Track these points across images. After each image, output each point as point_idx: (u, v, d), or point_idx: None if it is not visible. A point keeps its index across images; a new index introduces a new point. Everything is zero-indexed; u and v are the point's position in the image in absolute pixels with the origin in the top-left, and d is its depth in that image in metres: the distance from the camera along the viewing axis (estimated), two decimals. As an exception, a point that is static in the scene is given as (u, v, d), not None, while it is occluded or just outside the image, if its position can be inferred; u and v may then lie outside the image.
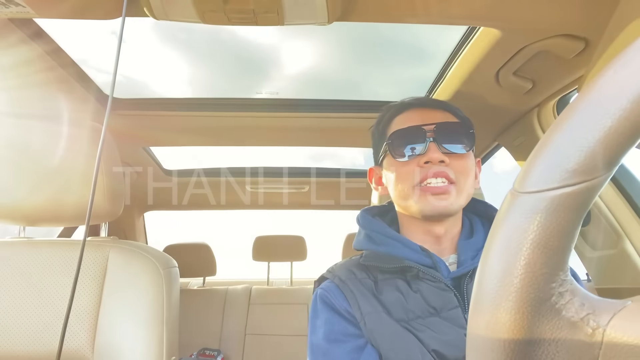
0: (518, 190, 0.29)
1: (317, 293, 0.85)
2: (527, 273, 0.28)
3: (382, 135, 0.91)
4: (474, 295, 0.31)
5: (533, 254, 0.27)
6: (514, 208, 0.29)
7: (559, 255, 0.28)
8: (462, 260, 0.81)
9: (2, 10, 0.79)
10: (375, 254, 0.84)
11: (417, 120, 0.85)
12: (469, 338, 0.31)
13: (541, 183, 0.28)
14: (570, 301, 0.28)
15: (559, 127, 0.28)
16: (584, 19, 0.87)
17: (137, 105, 1.46)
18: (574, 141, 0.27)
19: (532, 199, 0.28)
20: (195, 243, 2.64)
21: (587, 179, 0.27)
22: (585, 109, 0.27)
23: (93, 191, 0.68)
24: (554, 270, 0.28)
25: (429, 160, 0.80)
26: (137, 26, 1.30)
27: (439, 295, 0.75)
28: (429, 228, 0.84)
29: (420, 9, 0.86)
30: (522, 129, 1.34)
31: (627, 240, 1.18)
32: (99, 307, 0.95)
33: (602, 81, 0.27)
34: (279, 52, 1.51)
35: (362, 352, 0.75)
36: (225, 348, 2.28)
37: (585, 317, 0.27)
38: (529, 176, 0.29)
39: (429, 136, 0.82)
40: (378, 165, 0.94)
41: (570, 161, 0.27)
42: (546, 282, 0.28)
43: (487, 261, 0.30)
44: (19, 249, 0.99)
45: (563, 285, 0.28)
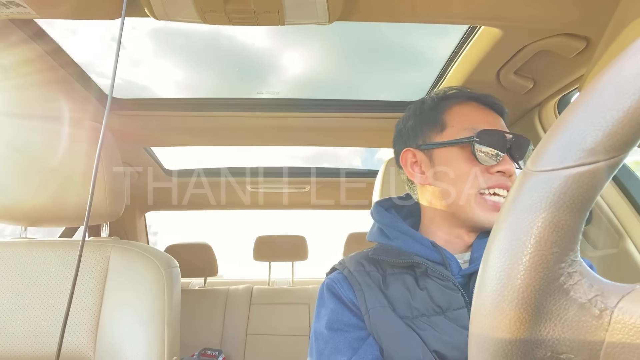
0: (531, 169, 0.29)
1: (325, 282, 0.85)
2: (537, 251, 0.27)
3: (437, 120, 0.85)
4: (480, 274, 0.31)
5: (544, 232, 0.27)
6: (526, 186, 0.29)
7: (569, 235, 0.27)
8: (474, 258, 0.79)
9: (3, 10, 0.79)
10: (386, 248, 0.83)
11: (491, 122, 0.82)
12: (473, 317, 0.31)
13: (556, 161, 0.28)
14: (579, 282, 0.28)
15: (576, 106, 0.28)
16: (585, 18, 0.86)
17: (137, 106, 1.46)
18: (591, 120, 0.27)
19: (546, 177, 0.28)
20: (197, 243, 2.64)
21: (603, 159, 0.26)
22: (604, 89, 0.27)
23: (92, 191, 0.68)
24: (564, 250, 0.27)
25: (504, 171, 0.78)
26: (138, 27, 1.30)
27: (445, 294, 0.74)
28: (462, 234, 0.82)
29: (421, 8, 0.86)
30: (523, 128, 1.33)
31: (629, 240, 1.18)
32: (100, 308, 0.95)
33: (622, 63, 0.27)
34: (280, 53, 1.51)
35: (363, 344, 0.75)
36: (226, 348, 2.28)
37: (594, 299, 0.27)
38: (544, 154, 0.29)
39: (508, 145, 0.80)
40: (420, 150, 0.87)
41: (587, 140, 0.27)
42: (555, 262, 0.27)
43: (496, 239, 0.30)
44: (20, 249, 0.99)
45: (572, 265, 0.28)
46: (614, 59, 0.28)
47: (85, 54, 1.21)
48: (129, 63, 1.48)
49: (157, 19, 0.84)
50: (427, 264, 0.77)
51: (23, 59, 1.05)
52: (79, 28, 1.19)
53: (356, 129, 1.61)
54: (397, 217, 0.87)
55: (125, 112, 1.46)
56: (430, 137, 0.86)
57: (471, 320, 0.31)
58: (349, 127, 1.59)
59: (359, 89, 1.65)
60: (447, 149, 0.83)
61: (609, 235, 1.22)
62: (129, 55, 1.45)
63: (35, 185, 0.95)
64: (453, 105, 0.86)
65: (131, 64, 1.49)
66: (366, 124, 1.56)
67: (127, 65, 1.48)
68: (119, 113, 1.45)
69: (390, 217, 0.87)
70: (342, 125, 1.58)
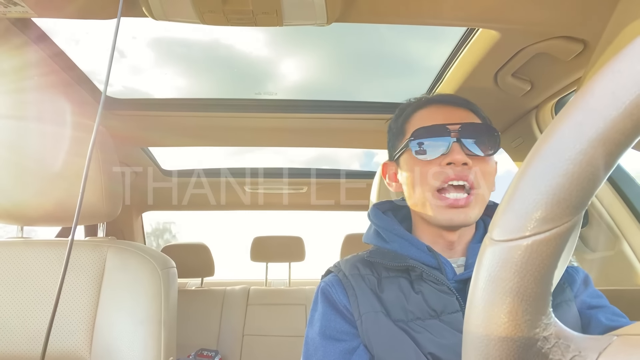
0: (494, 238, 0.30)
1: (320, 286, 0.85)
2: (510, 322, 0.28)
3: (401, 130, 0.87)
4: (463, 344, 0.31)
5: (514, 302, 0.28)
6: (491, 256, 0.29)
7: (538, 301, 0.28)
8: (469, 263, 0.79)
9: (2, 10, 0.79)
10: (381, 251, 0.83)
11: (441, 119, 0.81)
12: None
13: (513, 231, 0.28)
14: (556, 344, 0.28)
15: (524, 174, 0.29)
16: (583, 21, 0.87)
17: (135, 106, 1.46)
18: (539, 189, 0.27)
19: (506, 247, 0.28)
20: (194, 243, 2.63)
21: (557, 225, 0.27)
22: (547, 155, 0.28)
23: (82, 190, 0.68)
24: (536, 315, 0.28)
25: (452, 161, 0.77)
26: (140, 27, 1.30)
27: (440, 298, 0.74)
28: (441, 234, 0.82)
29: (419, 10, 0.87)
30: (521, 131, 1.34)
31: (625, 242, 1.18)
32: (96, 307, 0.95)
33: (560, 126, 0.27)
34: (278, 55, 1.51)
35: (353, 355, 0.75)
36: (223, 349, 2.27)
37: (572, 359, 0.27)
38: (502, 224, 0.29)
39: (453, 136, 0.79)
40: (393, 161, 0.90)
41: (538, 209, 0.27)
42: (530, 329, 0.28)
43: (472, 311, 0.30)
44: (16, 248, 0.98)
45: (547, 329, 0.28)
46: (552, 122, 0.28)
47: (86, 57, 1.21)
48: (129, 70, 1.48)
49: (156, 19, 0.84)
50: (422, 268, 0.77)
51: (24, 62, 1.05)
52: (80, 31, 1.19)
53: (354, 131, 1.61)
54: (394, 220, 0.88)
55: (123, 112, 1.45)
56: (396, 147, 0.88)
57: None
58: (347, 128, 1.60)
59: (357, 91, 1.65)
60: (404, 155, 0.85)
61: (605, 237, 1.23)
62: (128, 63, 1.46)
63: (32, 185, 0.94)
64: (412, 113, 0.87)
65: (131, 71, 1.49)
66: (364, 126, 1.56)
67: (127, 71, 1.48)
68: (117, 113, 1.45)
69: (387, 220, 0.87)
70: (340, 126, 1.58)
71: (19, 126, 0.96)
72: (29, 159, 0.94)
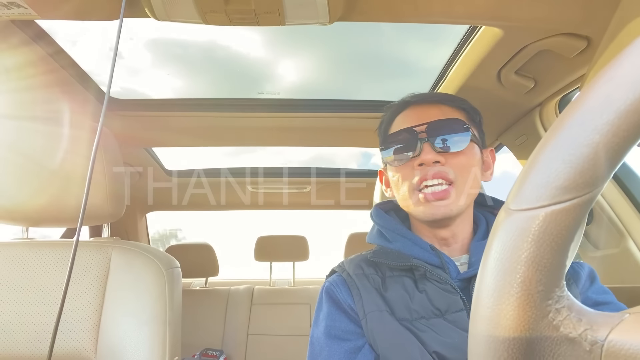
0: (510, 208, 0.29)
1: (324, 286, 0.85)
2: (523, 291, 0.28)
3: (384, 137, 0.89)
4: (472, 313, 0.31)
5: (528, 272, 0.28)
6: (506, 226, 0.29)
7: (554, 272, 0.28)
8: (472, 262, 0.80)
9: (4, 11, 0.79)
10: (385, 251, 0.84)
11: (413, 121, 0.82)
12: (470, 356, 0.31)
13: (532, 200, 0.28)
14: (568, 317, 0.28)
15: (547, 143, 0.29)
16: (586, 17, 0.86)
17: (138, 106, 1.46)
18: (563, 158, 0.27)
19: (524, 216, 0.28)
20: (198, 243, 2.64)
21: (578, 195, 0.27)
22: (572, 125, 0.27)
23: (87, 190, 0.68)
24: (550, 287, 0.28)
25: (423, 162, 0.78)
26: (139, 28, 1.30)
27: (444, 297, 0.74)
28: (433, 232, 0.83)
29: (422, 8, 0.86)
30: (524, 128, 1.33)
31: (630, 239, 1.18)
32: (101, 308, 0.95)
33: (588, 96, 0.27)
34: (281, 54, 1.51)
35: (359, 353, 0.75)
36: (227, 348, 2.28)
37: (583, 333, 0.27)
38: (521, 194, 0.29)
39: (422, 137, 0.79)
40: (384, 169, 0.93)
41: (560, 178, 0.27)
42: (542, 300, 0.28)
43: (484, 280, 0.30)
44: (21, 250, 0.99)
45: (559, 301, 0.28)
46: (580, 93, 0.28)
47: (88, 56, 1.22)
48: (128, 71, 1.48)
49: (158, 19, 0.84)
50: (425, 267, 0.77)
51: (25, 61, 1.06)
52: (81, 30, 1.19)
53: (357, 130, 1.61)
54: (397, 220, 0.88)
55: (126, 113, 1.46)
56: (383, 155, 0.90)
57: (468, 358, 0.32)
58: (350, 127, 1.59)
59: (360, 90, 1.65)
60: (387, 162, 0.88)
61: (610, 235, 1.22)
62: (127, 65, 1.46)
63: (37, 186, 0.95)
64: (390, 120, 0.89)
65: (131, 72, 1.49)
66: (367, 125, 1.56)
67: (127, 73, 1.48)
68: (120, 114, 1.46)
69: (390, 219, 0.88)
70: (343, 125, 1.58)
71: (23, 127, 0.96)
72: (33, 160, 0.95)
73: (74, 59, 1.18)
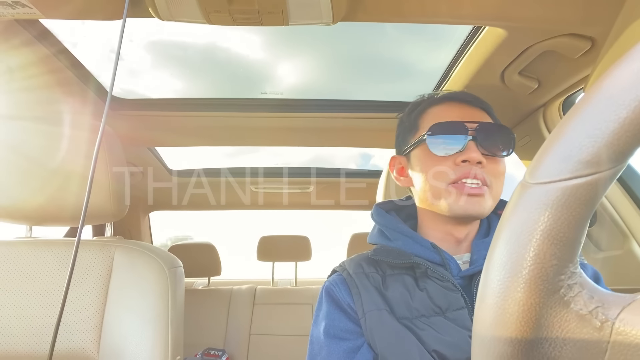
0: (529, 181, 0.29)
1: (325, 285, 0.85)
2: (537, 264, 0.27)
3: (414, 124, 0.87)
4: (481, 286, 0.31)
5: (543, 245, 0.27)
6: (524, 199, 0.29)
7: (568, 247, 0.27)
8: (474, 259, 0.79)
9: (9, 11, 0.80)
10: (386, 249, 0.83)
11: (457, 116, 0.81)
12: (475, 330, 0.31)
13: (553, 174, 0.28)
14: (579, 294, 0.28)
15: (572, 118, 0.28)
16: (590, 18, 0.86)
17: (141, 106, 1.46)
18: (587, 132, 0.27)
19: (543, 189, 0.28)
20: (200, 243, 2.64)
21: (600, 170, 0.26)
22: (599, 100, 0.27)
23: (89, 189, 0.68)
24: (564, 262, 0.27)
25: (468, 159, 0.77)
26: (143, 28, 1.31)
27: (445, 295, 0.74)
28: (451, 230, 0.82)
29: (426, 8, 0.86)
30: (528, 129, 1.33)
31: (634, 241, 1.17)
32: (104, 307, 0.95)
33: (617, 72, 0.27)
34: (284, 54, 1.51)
35: (357, 354, 0.75)
36: (229, 348, 2.28)
37: (594, 310, 0.27)
38: (541, 167, 0.29)
39: (470, 134, 0.79)
40: (402, 155, 0.90)
41: (583, 152, 0.27)
42: (555, 274, 0.27)
43: (495, 252, 0.30)
44: (23, 249, 0.99)
45: (572, 277, 0.28)
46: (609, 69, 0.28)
47: (91, 56, 1.22)
48: (131, 72, 1.48)
49: (162, 19, 0.84)
50: (426, 265, 0.77)
51: (28, 60, 1.06)
52: (85, 29, 1.19)
53: (360, 130, 1.61)
54: (397, 219, 0.88)
55: (129, 113, 1.46)
56: (407, 142, 0.88)
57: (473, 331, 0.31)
58: (353, 127, 1.59)
59: (362, 91, 1.64)
60: (416, 150, 0.85)
61: (614, 237, 1.22)
62: (130, 66, 1.46)
63: (40, 185, 0.95)
64: (426, 108, 0.87)
65: (135, 72, 1.50)
66: (370, 125, 1.56)
67: (131, 73, 1.49)
68: (123, 113, 1.46)
69: (390, 218, 0.88)
70: (346, 125, 1.58)
71: (26, 126, 0.96)
72: (36, 160, 0.95)
73: (77, 59, 1.19)
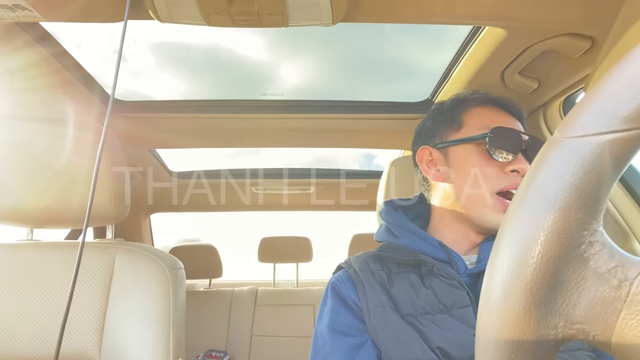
0: (560, 136, 0.29)
1: (330, 281, 0.86)
2: (561, 217, 0.27)
3: (456, 119, 0.86)
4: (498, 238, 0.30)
5: (570, 198, 0.27)
6: (554, 152, 0.28)
7: (594, 203, 0.27)
8: (481, 258, 0.80)
9: (9, 14, 0.80)
10: (392, 246, 0.84)
11: (508, 123, 0.83)
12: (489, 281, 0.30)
13: (588, 128, 0.27)
14: (600, 252, 0.27)
15: (613, 74, 0.28)
16: (590, 17, 0.86)
17: (142, 108, 1.46)
18: (628, 88, 0.26)
19: (576, 143, 0.27)
20: (201, 245, 2.64)
21: (637, 127, 0.26)
22: None
23: (92, 192, 0.68)
24: (588, 217, 0.27)
25: (518, 170, 0.78)
26: (143, 30, 1.31)
27: (450, 293, 0.75)
28: (469, 234, 0.82)
29: (426, 9, 0.86)
30: (528, 129, 1.33)
31: (635, 240, 1.17)
32: (105, 309, 0.96)
33: None
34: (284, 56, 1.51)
35: (360, 350, 0.75)
36: (231, 349, 2.28)
37: (613, 269, 0.27)
38: (575, 121, 0.28)
39: (523, 146, 0.80)
40: (436, 149, 0.88)
41: (621, 108, 0.26)
42: (578, 229, 0.27)
43: (519, 206, 0.29)
44: (25, 251, 0.99)
45: (595, 235, 0.27)
46: None
47: (92, 58, 1.22)
48: (132, 74, 1.49)
49: (162, 21, 0.84)
50: (433, 263, 0.77)
51: (29, 62, 1.06)
52: (85, 31, 1.20)
53: (361, 131, 1.61)
54: (405, 217, 0.88)
55: (130, 114, 1.46)
56: (447, 135, 0.87)
57: (485, 282, 0.31)
58: (354, 128, 1.59)
59: (363, 92, 1.65)
60: (462, 146, 0.84)
61: (615, 236, 1.21)
62: (131, 68, 1.46)
63: (41, 187, 0.95)
64: (471, 106, 0.87)
65: (136, 74, 1.50)
66: (371, 125, 1.56)
67: (131, 75, 1.49)
68: (124, 115, 1.46)
69: (398, 216, 0.88)
70: (347, 126, 1.58)
71: (27, 128, 0.96)
72: (37, 162, 0.95)
73: (78, 61, 1.19)
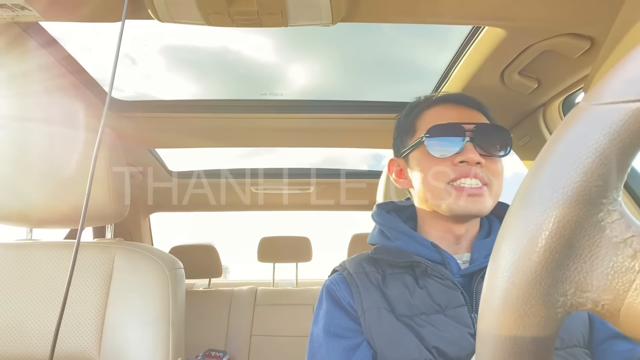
0: (588, 103, 0.28)
1: (325, 284, 0.86)
2: (582, 181, 0.26)
3: (411, 127, 0.89)
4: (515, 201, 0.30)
5: (593, 163, 0.26)
6: (580, 118, 0.28)
7: (617, 171, 0.26)
8: (474, 258, 0.81)
9: (9, 13, 0.80)
10: (386, 248, 0.84)
11: (454, 117, 0.83)
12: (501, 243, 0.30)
13: (617, 95, 0.26)
14: (617, 221, 0.27)
15: None
16: (590, 17, 0.86)
17: (142, 108, 1.46)
18: None
19: (603, 109, 0.27)
20: (201, 244, 2.64)
21: None
22: None
23: (88, 191, 0.68)
24: (609, 185, 0.26)
25: (466, 160, 0.79)
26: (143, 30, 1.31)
27: (445, 293, 0.75)
28: (450, 227, 0.83)
29: (425, 9, 0.86)
30: (528, 129, 1.33)
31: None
32: (105, 309, 0.95)
33: None
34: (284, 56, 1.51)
35: (356, 351, 0.75)
36: (231, 349, 2.28)
37: (629, 239, 0.26)
38: (605, 88, 0.28)
39: (468, 135, 0.80)
40: (401, 158, 0.92)
41: None
42: (598, 195, 0.26)
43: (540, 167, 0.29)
44: (24, 251, 0.99)
45: (613, 204, 0.27)
46: None
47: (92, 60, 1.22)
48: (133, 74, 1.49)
49: (161, 21, 0.84)
50: (426, 264, 0.78)
51: (33, 65, 1.06)
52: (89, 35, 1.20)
53: (360, 130, 1.61)
54: (398, 219, 0.89)
55: (130, 114, 1.46)
56: (405, 144, 0.90)
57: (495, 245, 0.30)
58: (353, 128, 1.59)
59: (364, 92, 1.65)
60: (415, 151, 0.86)
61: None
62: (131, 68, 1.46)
63: (41, 187, 0.95)
64: (423, 110, 0.89)
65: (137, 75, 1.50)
66: (370, 125, 1.56)
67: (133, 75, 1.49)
68: (125, 115, 1.46)
69: (391, 218, 0.89)
70: (346, 126, 1.58)
71: (27, 128, 0.96)
72: (37, 162, 0.95)
73: (79, 63, 1.19)
